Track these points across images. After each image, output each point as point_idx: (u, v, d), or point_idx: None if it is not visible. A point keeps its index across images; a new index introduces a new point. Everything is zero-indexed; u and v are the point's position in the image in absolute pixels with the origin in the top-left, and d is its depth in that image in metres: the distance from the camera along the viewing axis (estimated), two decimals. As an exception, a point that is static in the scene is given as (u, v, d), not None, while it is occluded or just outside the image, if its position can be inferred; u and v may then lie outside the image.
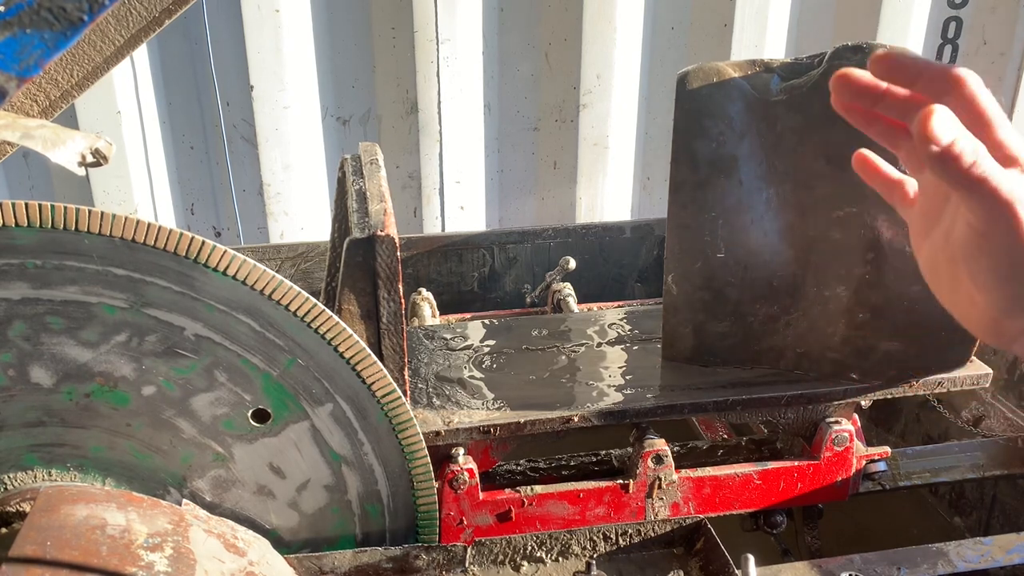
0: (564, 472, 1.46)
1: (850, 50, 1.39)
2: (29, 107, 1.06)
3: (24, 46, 0.61)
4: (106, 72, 1.07)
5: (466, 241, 2.17)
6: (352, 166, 1.51)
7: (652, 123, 2.64)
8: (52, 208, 1.01)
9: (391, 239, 1.21)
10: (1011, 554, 1.23)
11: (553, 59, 2.51)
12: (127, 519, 1.00)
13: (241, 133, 2.45)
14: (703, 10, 2.51)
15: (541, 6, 2.46)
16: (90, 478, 1.14)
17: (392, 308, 1.24)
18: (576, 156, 2.61)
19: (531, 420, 1.35)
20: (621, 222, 2.27)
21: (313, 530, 1.24)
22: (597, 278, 2.21)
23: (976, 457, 1.62)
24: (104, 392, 1.10)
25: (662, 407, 1.40)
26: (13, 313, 1.04)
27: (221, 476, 1.18)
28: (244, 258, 1.08)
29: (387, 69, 2.45)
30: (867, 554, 1.23)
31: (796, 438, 1.50)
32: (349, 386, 1.17)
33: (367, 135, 2.53)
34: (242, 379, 1.13)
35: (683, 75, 1.40)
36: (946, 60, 2.65)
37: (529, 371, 1.51)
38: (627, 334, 1.65)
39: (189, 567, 0.96)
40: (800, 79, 1.41)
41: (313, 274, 2.07)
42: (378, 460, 1.22)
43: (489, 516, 1.37)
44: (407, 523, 1.27)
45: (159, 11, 1.04)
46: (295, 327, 1.13)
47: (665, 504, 1.42)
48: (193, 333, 1.10)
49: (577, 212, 2.69)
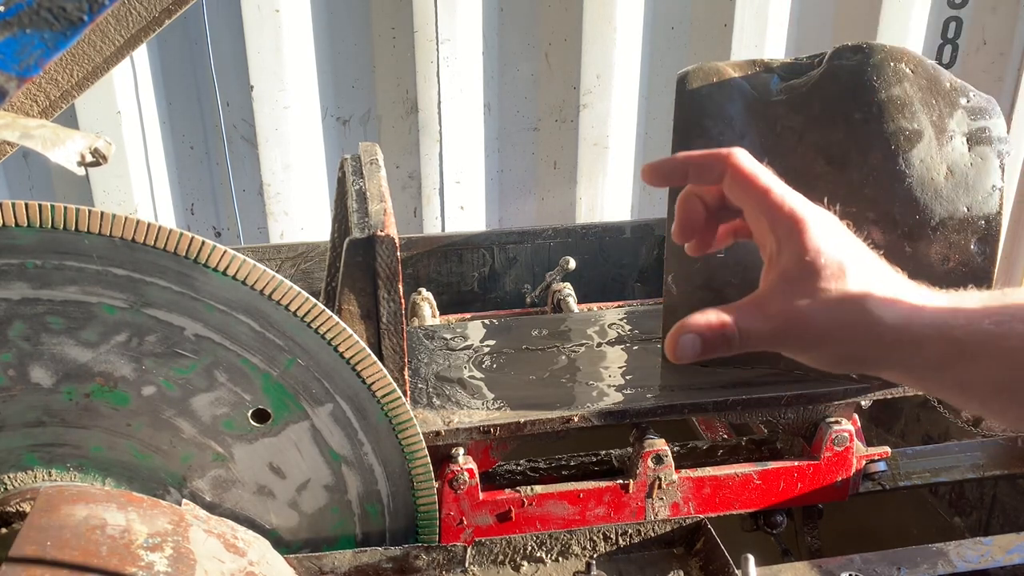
0: (564, 472, 1.46)
1: (850, 50, 1.39)
2: (29, 107, 1.06)
3: (24, 46, 0.62)
4: (106, 72, 1.07)
5: (466, 241, 2.17)
6: (352, 166, 1.51)
7: (652, 123, 2.64)
8: (52, 208, 1.01)
9: (391, 239, 1.21)
10: (1011, 554, 1.23)
11: (553, 59, 2.51)
12: (127, 519, 1.00)
13: (241, 133, 2.45)
14: (703, 10, 2.51)
15: (541, 6, 2.46)
16: (90, 478, 1.14)
17: (392, 308, 1.24)
18: (576, 156, 2.61)
19: (531, 420, 1.35)
20: (621, 222, 2.27)
21: (313, 530, 1.24)
22: (597, 278, 2.21)
23: (976, 457, 1.62)
24: (104, 392, 1.10)
25: (662, 407, 1.40)
26: (13, 313, 1.04)
27: (221, 476, 1.18)
28: (244, 258, 1.08)
29: (387, 69, 2.45)
30: (867, 554, 1.23)
31: (796, 438, 1.50)
32: (349, 386, 1.17)
33: (367, 135, 2.52)
34: (242, 379, 1.13)
35: (683, 75, 1.40)
36: (946, 60, 2.65)
37: (529, 371, 1.50)
38: (627, 334, 1.65)
39: (189, 567, 0.96)
40: (800, 79, 1.41)
41: (313, 274, 2.07)
42: (378, 460, 1.22)
43: (489, 516, 1.37)
44: (407, 523, 1.27)
45: (159, 11, 1.04)
46: (295, 327, 1.13)
47: (665, 504, 1.42)
48: (193, 333, 1.10)
49: (577, 212, 2.69)
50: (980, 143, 1.40)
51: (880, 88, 1.36)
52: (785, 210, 0.68)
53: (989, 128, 1.40)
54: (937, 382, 0.67)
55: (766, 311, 0.67)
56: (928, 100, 1.38)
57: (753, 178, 0.70)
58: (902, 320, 0.64)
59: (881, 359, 0.66)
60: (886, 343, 0.65)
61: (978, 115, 1.40)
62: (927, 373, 0.66)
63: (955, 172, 1.39)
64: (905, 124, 1.37)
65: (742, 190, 0.70)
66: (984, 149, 1.40)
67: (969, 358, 0.64)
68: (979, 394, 0.66)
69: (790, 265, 0.66)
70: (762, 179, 0.70)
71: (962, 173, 1.39)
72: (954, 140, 1.39)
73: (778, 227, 0.68)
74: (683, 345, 0.67)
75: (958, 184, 1.39)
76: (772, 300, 0.67)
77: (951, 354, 0.64)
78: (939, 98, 1.39)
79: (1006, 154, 1.41)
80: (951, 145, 1.39)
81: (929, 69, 1.39)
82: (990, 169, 1.40)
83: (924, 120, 1.38)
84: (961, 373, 0.65)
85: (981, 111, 1.40)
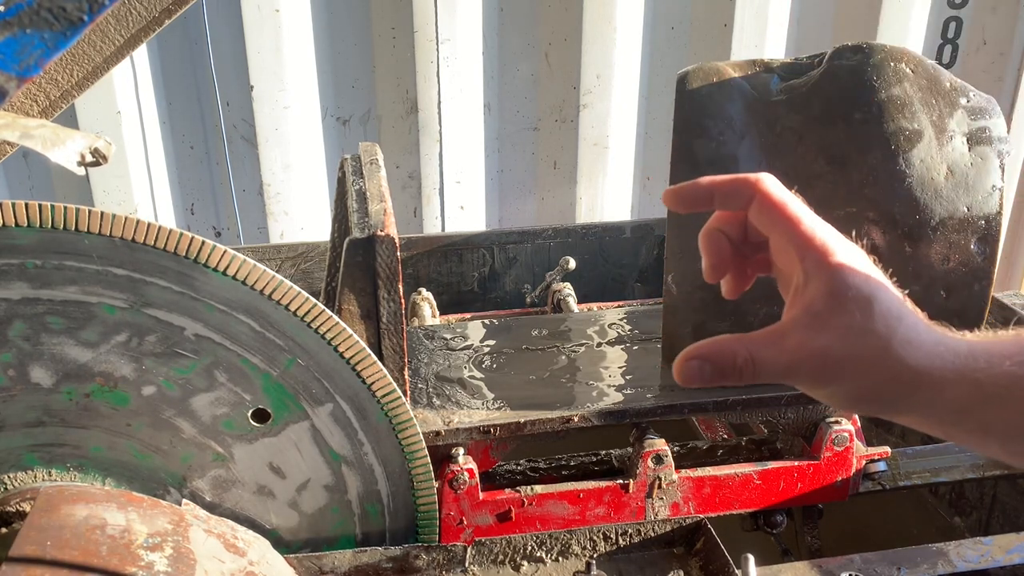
0: (564, 472, 1.46)
1: (850, 50, 1.39)
2: (29, 107, 1.06)
3: (24, 46, 0.62)
4: (106, 72, 1.07)
5: (466, 241, 2.17)
6: (352, 166, 1.51)
7: (652, 123, 2.64)
8: (52, 208, 1.01)
9: (391, 239, 1.21)
10: (1011, 554, 1.23)
11: (553, 59, 2.51)
12: (127, 519, 1.00)
13: (241, 133, 2.45)
14: (703, 10, 2.51)
15: (541, 6, 2.46)
16: (90, 478, 1.14)
17: (392, 308, 1.24)
18: (576, 156, 2.61)
19: (531, 420, 1.35)
20: (621, 222, 2.27)
21: (313, 530, 1.24)
22: (597, 278, 2.21)
23: (976, 457, 1.62)
24: (104, 392, 1.10)
25: (662, 407, 1.40)
26: (13, 313, 1.04)
27: (221, 476, 1.18)
28: (244, 258, 1.08)
29: (387, 69, 2.45)
30: (867, 554, 1.23)
31: (796, 438, 1.50)
32: (349, 386, 1.17)
33: (367, 135, 2.52)
34: (242, 379, 1.13)
35: (683, 75, 1.40)
36: (946, 60, 2.65)
37: (529, 371, 1.50)
38: (627, 334, 1.65)
39: (189, 567, 0.96)
40: (800, 79, 1.41)
41: (313, 274, 2.07)
42: (378, 460, 1.22)
43: (489, 516, 1.37)
44: (407, 523, 1.27)
45: (159, 11, 1.04)
46: (295, 327, 1.13)
47: (665, 504, 1.42)
48: (193, 333, 1.10)
49: (577, 212, 2.68)
50: (980, 143, 1.40)
51: (880, 88, 1.36)
52: (816, 242, 0.66)
53: (989, 128, 1.40)
54: (957, 426, 0.66)
55: (784, 344, 0.65)
56: (928, 100, 1.38)
57: (782, 206, 0.68)
58: (923, 362, 0.63)
59: (899, 400, 0.65)
60: (905, 384, 0.63)
61: (978, 115, 1.40)
62: (948, 417, 0.65)
63: (955, 172, 1.39)
64: (905, 124, 1.37)
65: (770, 218, 0.68)
66: (984, 149, 1.40)
67: (991, 401, 0.62)
68: (1000, 437, 0.65)
69: (816, 298, 0.65)
70: (791, 207, 0.68)
71: (962, 173, 1.39)
72: (954, 140, 1.39)
73: (807, 258, 0.66)
74: (691, 369, 0.66)
75: (958, 184, 1.39)
76: (793, 333, 0.65)
77: (973, 397, 0.63)
78: (939, 98, 1.39)
79: (1006, 154, 1.41)
80: (951, 145, 1.39)
81: (929, 69, 1.39)
82: (990, 169, 1.40)
83: (924, 120, 1.38)
84: (982, 416, 0.63)
85: (981, 111, 1.40)
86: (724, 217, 0.73)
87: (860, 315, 0.63)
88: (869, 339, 0.63)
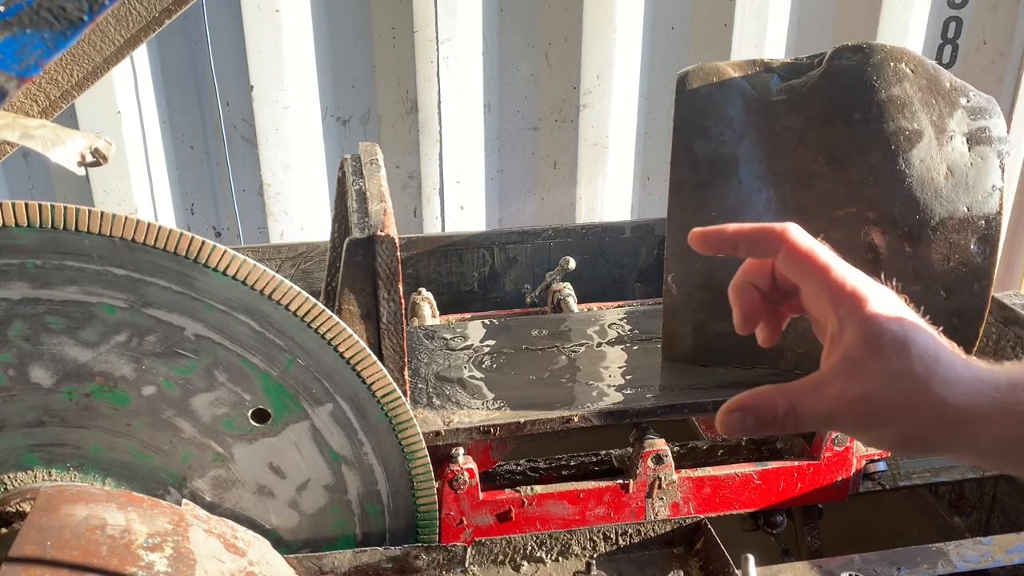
0: (564, 472, 1.46)
1: (850, 50, 1.39)
2: (29, 107, 1.06)
3: (24, 46, 0.62)
4: (106, 72, 1.07)
5: (466, 241, 2.17)
6: (352, 166, 1.51)
7: (652, 123, 2.64)
8: (52, 208, 1.01)
9: (391, 239, 1.21)
10: (1011, 554, 1.23)
11: (553, 59, 2.51)
12: (127, 519, 1.00)
13: (241, 133, 2.45)
14: (703, 10, 2.51)
15: (541, 6, 2.46)
16: (90, 478, 1.14)
17: (392, 308, 1.24)
18: (576, 156, 2.61)
19: (531, 420, 1.35)
20: (621, 222, 2.27)
21: (313, 530, 1.24)
22: (597, 278, 2.21)
23: (976, 457, 1.62)
24: (104, 392, 1.10)
25: (662, 407, 1.40)
26: (13, 313, 1.04)
27: (221, 476, 1.18)
28: (244, 258, 1.08)
29: (387, 69, 2.45)
30: (867, 554, 1.23)
31: (796, 438, 1.50)
32: (349, 386, 1.17)
33: (367, 135, 2.52)
34: (242, 379, 1.13)
35: (683, 75, 1.40)
36: (946, 60, 2.65)
37: (529, 371, 1.51)
38: (627, 334, 1.65)
39: (189, 567, 0.96)
40: (800, 79, 1.41)
41: (313, 274, 2.07)
42: (378, 460, 1.22)
43: (489, 516, 1.37)
44: (407, 523, 1.27)
45: (159, 11, 1.04)
46: (295, 327, 1.13)
47: (665, 504, 1.42)
48: (193, 333, 1.10)
49: (577, 212, 2.69)
50: (980, 143, 1.40)
51: (880, 88, 1.36)
52: (847, 289, 0.66)
53: (989, 128, 1.40)
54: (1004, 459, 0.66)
55: (824, 392, 0.65)
56: (928, 100, 1.38)
57: (812, 255, 0.69)
58: (964, 400, 0.63)
59: (945, 441, 0.65)
60: (949, 424, 0.63)
61: (978, 115, 1.40)
62: (995, 451, 0.65)
63: (955, 172, 1.39)
64: (905, 124, 1.37)
65: (800, 268, 0.69)
66: (984, 149, 1.40)
67: None
68: None
69: (853, 345, 0.65)
70: (820, 256, 0.69)
71: (962, 173, 1.39)
72: (954, 140, 1.39)
73: (840, 306, 0.66)
74: (734, 421, 0.67)
75: (958, 184, 1.39)
76: (832, 381, 0.66)
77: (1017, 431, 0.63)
78: (939, 98, 1.39)
79: (1006, 154, 1.41)
80: (951, 145, 1.39)
81: (929, 69, 1.39)
82: (990, 169, 1.40)
83: (924, 120, 1.38)
84: None
85: (981, 111, 1.40)
86: (752, 269, 0.74)
87: (897, 359, 0.63)
88: (908, 382, 0.63)
